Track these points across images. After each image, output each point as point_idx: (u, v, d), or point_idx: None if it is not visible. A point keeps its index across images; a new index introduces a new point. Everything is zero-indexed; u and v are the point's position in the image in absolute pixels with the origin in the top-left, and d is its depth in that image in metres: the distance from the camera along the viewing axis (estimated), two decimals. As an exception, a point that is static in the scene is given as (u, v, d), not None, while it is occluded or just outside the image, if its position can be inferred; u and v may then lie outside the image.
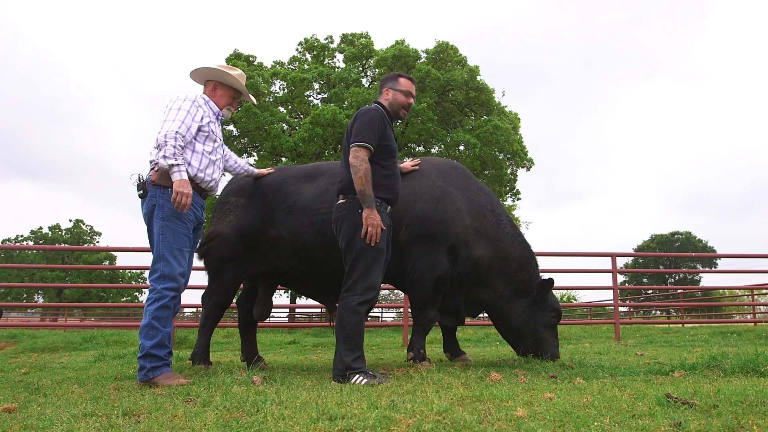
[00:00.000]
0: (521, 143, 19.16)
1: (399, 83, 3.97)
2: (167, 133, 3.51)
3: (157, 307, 3.46)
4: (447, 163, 4.77)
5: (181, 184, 3.47)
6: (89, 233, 46.46)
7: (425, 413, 2.31)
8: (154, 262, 3.56)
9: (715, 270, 14.40)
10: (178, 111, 3.63)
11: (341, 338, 3.52)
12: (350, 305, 3.54)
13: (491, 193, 4.79)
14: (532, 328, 4.54)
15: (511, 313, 4.57)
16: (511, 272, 4.55)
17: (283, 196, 4.51)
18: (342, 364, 3.46)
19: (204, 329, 4.52)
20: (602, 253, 9.70)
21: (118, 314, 29.74)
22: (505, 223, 4.63)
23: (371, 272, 3.59)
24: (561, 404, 2.51)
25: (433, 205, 4.32)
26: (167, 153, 3.48)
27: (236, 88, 4.04)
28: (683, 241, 47.99)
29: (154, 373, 3.37)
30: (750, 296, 18.01)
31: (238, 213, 4.52)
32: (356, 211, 3.61)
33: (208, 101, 3.93)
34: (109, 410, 2.48)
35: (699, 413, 2.28)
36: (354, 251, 3.59)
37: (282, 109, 19.79)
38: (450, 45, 18.83)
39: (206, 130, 3.79)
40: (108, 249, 10.61)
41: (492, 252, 4.49)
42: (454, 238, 4.34)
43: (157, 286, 3.50)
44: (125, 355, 5.80)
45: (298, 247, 4.37)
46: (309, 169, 4.70)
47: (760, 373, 3.39)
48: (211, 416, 2.31)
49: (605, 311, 23.87)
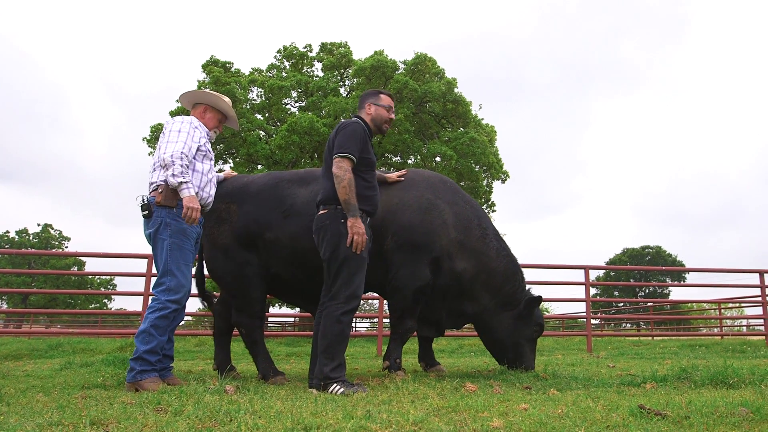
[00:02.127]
0: (497, 156, 19.34)
1: (380, 99, 4.05)
2: (173, 153, 3.76)
3: (158, 316, 3.68)
4: (436, 176, 4.81)
5: (191, 200, 3.75)
6: (58, 238, 45.39)
7: (401, 423, 2.29)
8: (161, 276, 3.78)
9: (683, 284, 14.68)
10: (179, 133, 3.89)
11: (322, 347, 3.52)
12: (334, 314, 3.55)
13: (478, 207, 4.85)
14: (515, 340, 4.60)
15: (496, 325, 4.62)
16: (496, 286, 4.60)
17: (278, 199, 4.44)
18: (321, 373, 3.47)
19: (255, 346, 4.35)
20: (575, 265, 9.82)
21: (86, 321, 29.07)
22: (491, 237, 4.68)
23: (354, 281, 3.62)
24: (536, 415, 2.52)
25: (420, 216, 4.35)
26: (176, 172, 3.73)
27: (225, 113, 4.33)
28: (654, 255, 48.82)
29: (142, 376, 3.56)
30: (717, 310, 18.40)
31: (231, 219, 4.41)
32: (339, 221, 3.65)
33: (199, 123, 4.16)
34: (76, 419, 2.40)
35: (671, 424, 2.30)
36: (338, 260, 3.61)
37: (259, 116, 19.65)
38: (428, 57, 18.96)
39: (204, 149, 4.05)
40: (77, 254, 10.36)
41: (475, 265, 4.54)
42: (438, 250, 4.37)
43: (161, 297, 3.73)
44: (93, 363, 5.64)
45: (297, 252, 4.30)
46: (302, 173, 4.66)
47: (729, 384, 3.46)
48: (182, 426, 2.26)
49: (577, 323, 24.13)
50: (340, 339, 3.54)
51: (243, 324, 4.35)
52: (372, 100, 4.05)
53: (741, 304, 16.72)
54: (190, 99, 4.31)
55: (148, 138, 18.44)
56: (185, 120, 3.99)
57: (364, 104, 4.05)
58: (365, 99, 4.08)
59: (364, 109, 4.04)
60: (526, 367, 4.55)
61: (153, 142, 18.39)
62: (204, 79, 18.93)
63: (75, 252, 14.86)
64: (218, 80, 18.07)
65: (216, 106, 4.28)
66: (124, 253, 8.57)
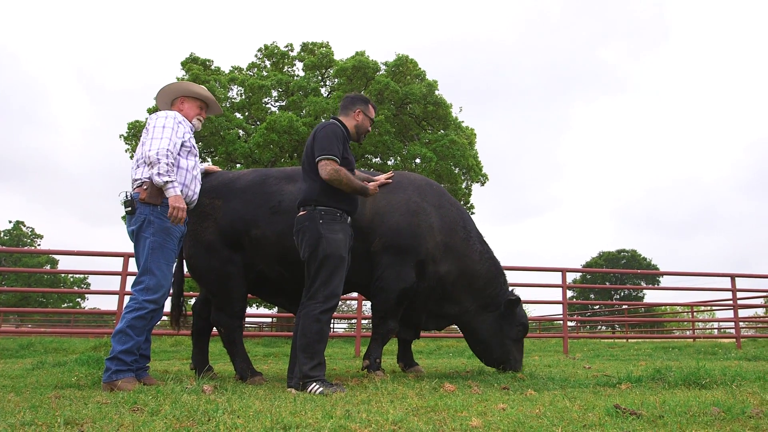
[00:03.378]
0: (476, 158, 19.45)
1: (369, 110, 4.10)
2: (159, 150, 3.67)
3: (135, 316, 3.61)
4: (423, 179, 4.83)
5: (177, 199, 3.67)
6: (30, 236, 44.45)
7: (381, 423, 2.29)
8: (140, 274, 3.70)
9: (658, 287, 14.93)
10: (164, 129, 3.78)
11: (301, 346, 3.53)
12: (312, 314, 3.56)
13: (463, 210, 4.89)
14: (499, 341, 4.63)
15: (478, 326, 4.66)
16: (478, 288, 4.64)
17: (266, 196, 4.39)
18: (300, 372, 3.47)
19: (233, 346, 4.30)
20: (552, 268, 9.93)
21: (58, 321, 28.52)
22: (475, 240, 4.72)
23: (333, 280, 3.63)
24: (514, 415, 2.54)
25: (408, 219, 4.37)
26: (161, 170, 3.63)
27: (202, 98, 4.21)
28: (629, 259, 49.54)
29: (117, 376, 3.51)
30: (690, 313, 18.75)
31: (215, 215, 4.33)
32: (317, 222, 3.68)
33: (183, 117, 4.06)
34: (50, 419, 2.36)
35: (646, 423, 2.34)
36: (317, 260, 3.63)
37: (239, 115, 19.50)
38: (410, 59, 19.00)
39: (188, 145, 3.96)
40: (49, 252, 10.16)
41: (459, 268, 4.57)
42: (424, 254, 4.40)
43: (139, 297, 3.65)
44: (66, 363, 5.53)
45: (283, 250, 4.26)
46: (288, 171, 4.63)
47: (701, 385, 3.53)
48: (160, 425, 2.24)
49: (553, 325, 24.38)
50: (318, 338, 3.55)
51: (222, 323, 4.30)
52: (362, 107, 4.07)
53: (713, 308, 17.04)
54: (164, 98, 4.23)
55: (126, 135, 18.17)
56: (169, 115, 3.90)
57: (354, 109, 4.06)
58: (355, 103, 4.08)
59: (351, 113, 4.05)
60: (512, 367, 4.59)
61: (130, 140, 18.13)
62: (183, 76, 18.71)
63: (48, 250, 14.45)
64: (198, 78, 17.90)
65: (190, 93, 4.17)
66: (98, 251, 8.44)
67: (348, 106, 4.08)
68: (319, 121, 18.23)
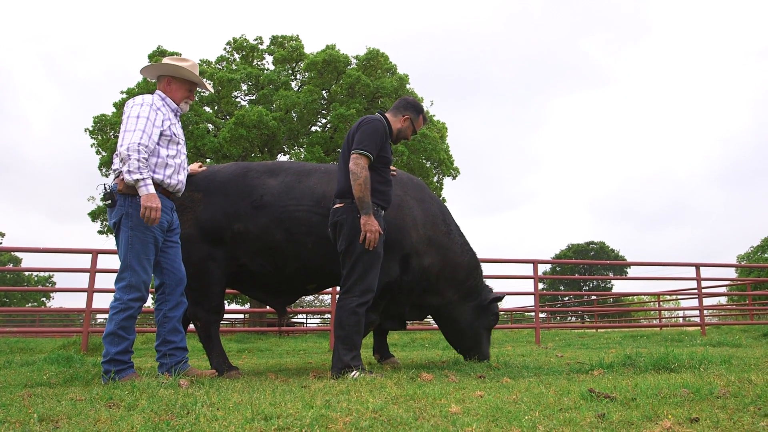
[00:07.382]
0: (448, 152, 19.59)
1: (419, 121, 4.15)
2: (129, 146, 3.48)
3: (124, 317, 3.55)
4: (404, 173, 4.87)
5: (149, 198, 3.47)
6: (-9, 234, 43.18)
7: (361, 411, 2.31)
8: (121, 271, 3.60)
9: (625, 277, 15.26)
10: (137, 119, 3.58)
11: (340, 338, 3.67)
12: (349, 306, 3.67)
13: (442, 204, 4.95)
14: (474, 330, 4.74)
15: (458, 316, 4.75)
16: (460, 280, 4.72)
17: (248, 189, 4.32)
18: (341, 363, 3.63)
19: (209, 341, 4.24)
20: (524, 260, 10.08)
21: (22, 321, 27.79)
22: (455, 232, 4.78)
23: (369, 275, 3.72)
24: (492, 401, 2.58)
25: (392, 213, 4.36)
26: (131, 168, 3.46)
27: (191, 80, 3.99)
28: (597, 251, 50.54)
29: (120, 375, 3.47)
30: (657, 302, 19.23)
31: (195, 209, 4.25)
32: (355, 215, 3.71)
33: (164, 98, 3.89)
34: (23, 416, 2.31)
35: (620, 405, 2.41)
36: (354, 254, 3.70)
37: (208, 109, 19.24)
38: (380, 52, 19.00)
39: (168, 133, 3.75)
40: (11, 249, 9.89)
41: (442, 261, 4.62)
42: (408, 247, 4.43)
43: (123, 296, 3.56)
44: (35, 362, 5.41)
45: (266, 244, 4.23)
46: (269, 164, 4.59)
47: (670, 369, 3.64)
48: (138, 419, 2.21)
49: (524, 317, 24.75)
50: (356, 330, 3.69)
51: (199, 317, 4.25)
52: (413, 116, 4.11)
53: (678, 297, 17.51)
54: (152, 72, 4.00)
55: (91, 129, 17.78)
56: (145, 101, 3.69)
57: (404, 113, 4.09)
58: (408, 109, 4.11)
59: (400, 116, 4.08)
60: (483, 355, 4.70)
61: (96, 134, 17.75)
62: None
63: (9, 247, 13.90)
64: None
65: (178, 75, 3.93)
66: (64, 248, 8.24)
67: (400, 107, 4.11)
68: (290, 115, 18.12)
